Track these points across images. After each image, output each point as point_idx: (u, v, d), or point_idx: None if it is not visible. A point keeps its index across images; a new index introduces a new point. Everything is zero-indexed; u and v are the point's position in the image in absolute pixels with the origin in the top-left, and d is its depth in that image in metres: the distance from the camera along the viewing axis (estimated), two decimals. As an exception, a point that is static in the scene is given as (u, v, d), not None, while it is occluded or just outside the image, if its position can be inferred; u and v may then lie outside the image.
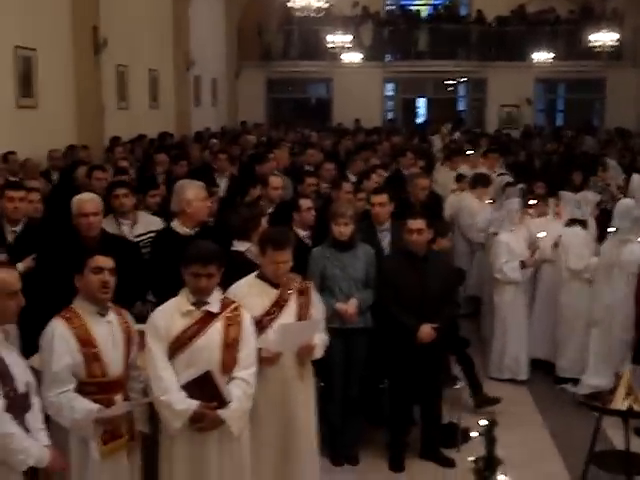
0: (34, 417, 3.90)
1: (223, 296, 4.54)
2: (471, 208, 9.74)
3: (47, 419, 4.16)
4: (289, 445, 4.89)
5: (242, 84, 23.57)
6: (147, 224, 6.65)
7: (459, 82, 26.08)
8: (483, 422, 2.56)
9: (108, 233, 6.02)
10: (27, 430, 3.79)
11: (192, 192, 6.03)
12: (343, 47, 20.74)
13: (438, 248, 6.62)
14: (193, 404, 4.24)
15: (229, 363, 4.37)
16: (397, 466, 6.08)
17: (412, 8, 26.02)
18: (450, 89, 26.61)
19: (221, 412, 4.28)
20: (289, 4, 15.08)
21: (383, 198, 6.77)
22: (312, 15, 15.71)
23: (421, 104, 27.02)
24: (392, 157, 12.35)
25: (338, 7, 23.50)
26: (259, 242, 5.02)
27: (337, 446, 6.12)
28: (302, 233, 6.79)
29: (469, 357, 7.16)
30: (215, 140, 14.52)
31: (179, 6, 17.54)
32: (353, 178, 9.25)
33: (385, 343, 6.11)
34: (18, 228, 6.16)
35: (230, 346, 4.37)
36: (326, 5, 15.36)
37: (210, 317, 4.37)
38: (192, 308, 4.38)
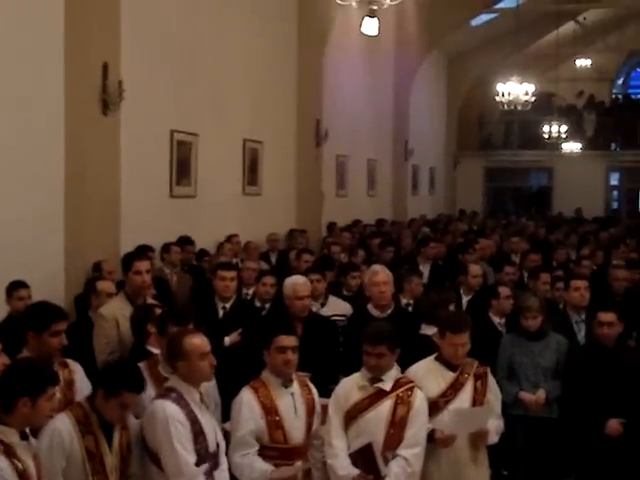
0: (221, 475, 4.34)
1: (400, 375, 4.81)
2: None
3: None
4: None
5: (460, 173, 23.96)
6: (335, 308, 7.07)
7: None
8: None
9: (313, 313, 6.50)
10: (214, 486, 4.23)
11: (370, 277, 6.41)
12: (559, 137, 20.62)
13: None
14: (353, 472, 4.54)
15: (393, 440, 4.61)
16: None
17: (639, 97, 25.45)
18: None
19: None
20: (497, 98, 15.40)
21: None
22: (520, 108, 15.95)
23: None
24: (607, 248, 12.09)
25: (562, 97, 23.55)
26: (438, 325, 5.25)
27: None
28: (497, 320, 6.96)
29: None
30: (426, 228, 14.88)
31: (400, 99, 18.32)
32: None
33: (572, 436, 6.05)
34: (228, 305, 6.77)
35: (396, 424, 4.61)
36: (532, 99, 15.57)
37: (382, 394, 4.66)
38: (367, 384, 4.71)
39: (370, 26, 7.71)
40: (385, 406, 4.64)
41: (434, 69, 21.15)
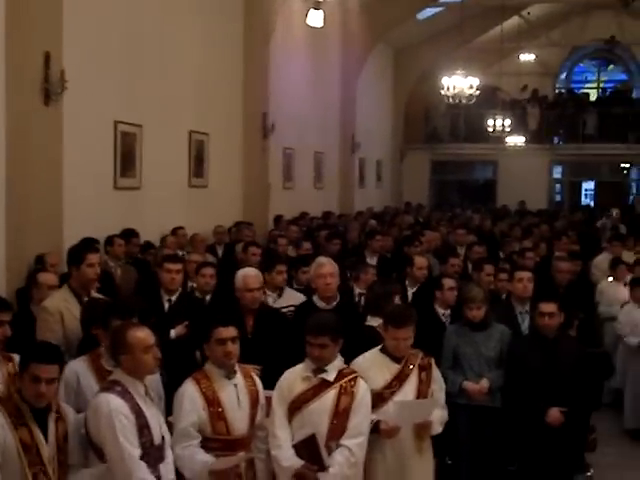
0: (166, 468, 4.31)
1: (344, 366, 4.83)
2: (608, 295, 9.37)
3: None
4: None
5: (407, 166, 24.10)
6: (290, 298, 7.11)
7: (632, 165, 25.44)
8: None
9: (265, 305, 6.51)
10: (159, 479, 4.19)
11: (316, 269, 6.44)
12: (504, 130, 20.86)
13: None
14: (297, 463, 4.56)
15: (337, 430, 4.64)
16: None
17: (582, 91, 25.92)
18: (624, 173, 25.95)
19: (320, 475, 4.55)
20: (442, 92, 15.55)
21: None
22: (464, 102, 16.14)
23: (590, 187, 26.51)
24: (549, 240, 12.29)
25: (506, 91, 23.84)
26: (382, 318, 5.28)
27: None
28: (442, 311, 7.02)
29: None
30: (373, 221, 14.93)
31: (346, 92, 18.35)
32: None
33: (514, 425, 6.14)
34: (173, 297, 6.72)
35: (340, 414, 4.65)
36: (477, 92, 15.77)
37: (325, 385, 4.69)
38: (310, 375, 4.73)
39: (315, 18, 7.70)
40: (329, 397, 4.66)
41: (380, 62, 21.21)
